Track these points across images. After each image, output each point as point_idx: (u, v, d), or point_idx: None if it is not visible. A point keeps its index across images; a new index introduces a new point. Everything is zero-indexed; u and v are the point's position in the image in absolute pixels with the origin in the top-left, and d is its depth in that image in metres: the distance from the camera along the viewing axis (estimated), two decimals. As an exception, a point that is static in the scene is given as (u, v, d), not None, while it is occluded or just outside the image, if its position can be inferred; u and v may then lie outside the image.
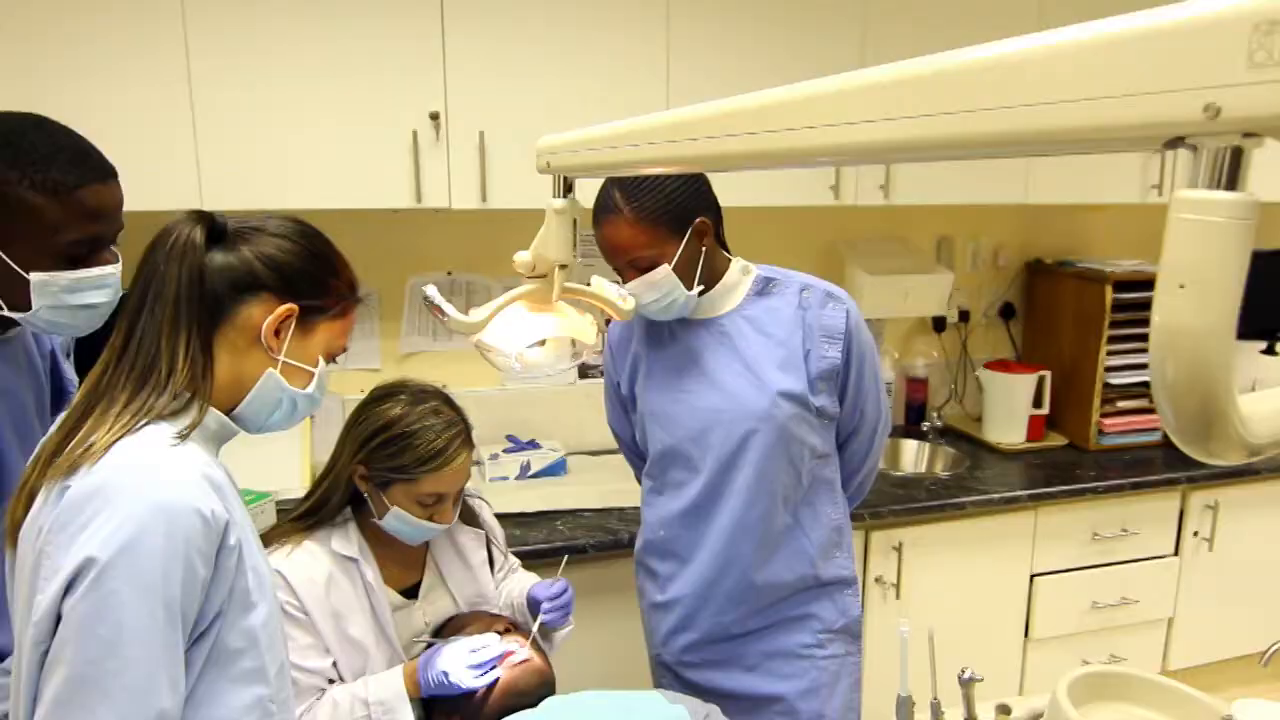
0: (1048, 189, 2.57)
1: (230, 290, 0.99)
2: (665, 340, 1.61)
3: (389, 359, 2.51)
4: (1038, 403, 2.78)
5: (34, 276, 1.14)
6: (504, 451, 2.46)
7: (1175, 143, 0.47)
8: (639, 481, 1.78)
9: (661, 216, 1.45)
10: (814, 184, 2.38)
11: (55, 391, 1.39)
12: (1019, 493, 2.40)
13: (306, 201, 2.00)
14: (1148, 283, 2.72)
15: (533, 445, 2.51)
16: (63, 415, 0.98)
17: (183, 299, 0.96)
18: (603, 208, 1.48)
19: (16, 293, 1.15)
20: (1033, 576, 2.49)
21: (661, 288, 1.47)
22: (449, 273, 2.52)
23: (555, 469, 2.45)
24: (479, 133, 2.09)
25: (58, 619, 0.85)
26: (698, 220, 1.48)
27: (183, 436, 0.94)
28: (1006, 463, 2.66)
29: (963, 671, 1.26)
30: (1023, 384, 2.75)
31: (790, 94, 0.65)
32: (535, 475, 2.42)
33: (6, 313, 1.16)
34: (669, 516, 1.63)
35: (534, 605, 1.53)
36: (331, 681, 1.37)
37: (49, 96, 1.83)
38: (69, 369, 1.43)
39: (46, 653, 0.86)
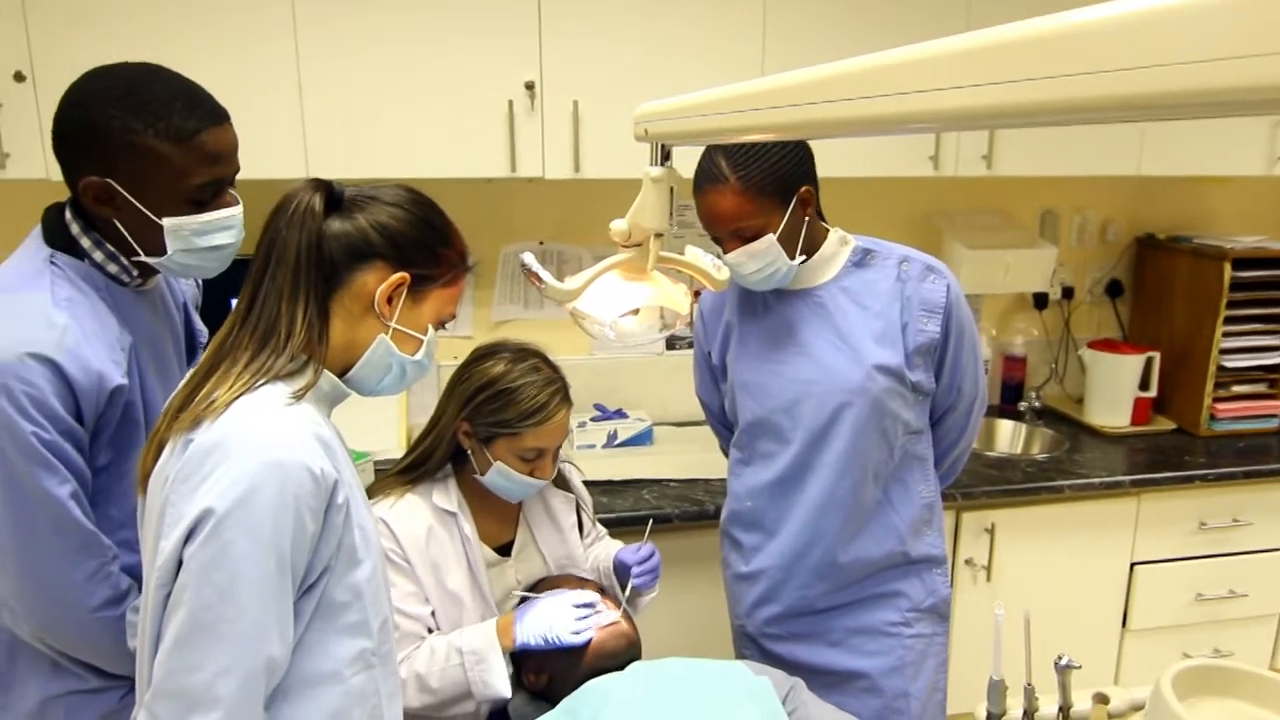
0: (1163, 160, 2.44)
1: (346, 257, 1.02)
2: (759, 310, 1.59)
3: (481, 326, 2.55)
4: (1144, 385, 2.66)
5: (167, 222, 1.18)
6: (591, 420, 2.49)
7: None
8: (725, 452, 1.78)
9: (768, 186, 1.43)
10: (912, 154, 2.32)
11: (189, 343, 1.47)
12: (1121, 478, 2.31)
13: (404, 171, 2.04)
14: (1271, 260, 2.57)
15: (620, 414, 2.53)
16: (190, 371, 1.03)
17: (301, 265, 0.99)
18: (707, 176, 1.46)
19: (151, 239, 1.20)
20: (1133, 565, 2.39)
21: (764, 258, 1.45)
22: (540, 242, 2.55)
23: (642, 438, 2.46)
24: (573, 102, 2.10)
25: (179, 564, 0.90)
26: (802, 189, 1.46)
27: (298, 397, 0.98)
28: (1108, 446, 2.56)
29: (1059, 658, 1.23)
30: (1129, 365, 2.64)
31: (896, 57, 0.63)
32: (622, 444, 2.44)
33: (144, 258, 1.21)
34: (757, 487, 1.62)
35: (622, 570, 1.56)
36: (430, 631, 1.42)
37: (158, 60, 1.91)
38: (199, 322, 1.51)
39: (169, 596, 0.91)
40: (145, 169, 1.15)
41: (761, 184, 1.42)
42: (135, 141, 1.14)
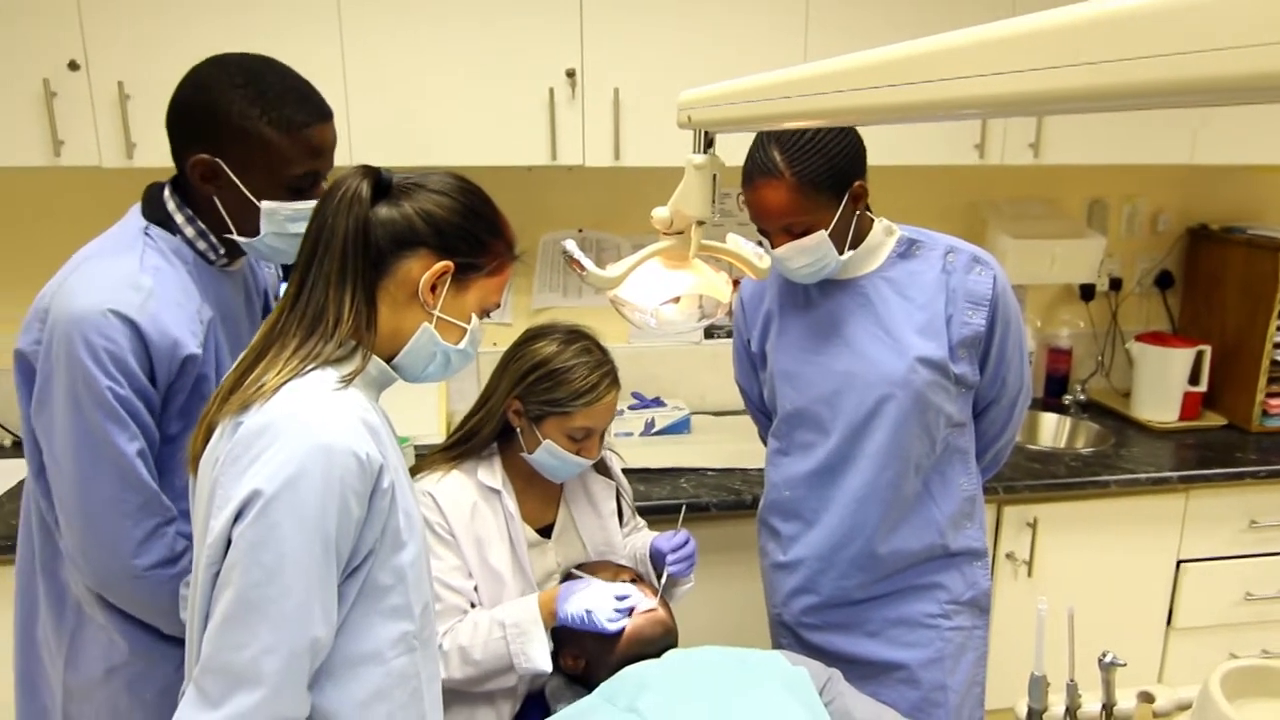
0: (1218, 148, 2.37)
1: (391, 244, 1.02)
2: (800, 300, 1.58)
3: (521, 314, 2.57)
4: (1194, 379, 2.59)
5: (265, 205, 1.24)
6: (629, 408, 2.49)
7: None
8: (763, 440, 1.77)
9: (823, 181, 1.40)
10: (957, 142, 2.28)
11: None
12: (1169, 474, 2.26)
13: (445, 159, 2.05)
14: (1330, 252, 2.49)
15: (658, 403, 2.53)
16: (241, 355, 1.05)
17: (349, 251, 1.00)
18: (760, 170, 1.43)
19: (247, 220, 1.26)
20: (1179, 562, 2.34)
21: (814, 253, 1.44)
22: (580, 230, 2.55)
23: (679, 427, 2.46)
24: (614, 90, 2.09)
25: (228, 544, 0.92)
26: (855, 184, 1.44)
27: (346, 382, 0.99)
28: (1156, 441, 2.50)
29: (1104, 655, 1.21)
30: (1179, 358, 2.58)
31: (945, 42, 0.62)
32: (659, 432, 2.45)
33: (237, 237, 1.27)
34: (795, 477, 1.61)
35: (657, 557, 1.56)
36: (473, 605, 1.44)
37: (206, 49, 1.94)
38: None
39: (218, 574, 0.93)
40: (253, 152, 1.22)
41: (817, 180, 1.40)
42: (248, 126, 1.20)
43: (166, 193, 1.29)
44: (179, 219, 1.28)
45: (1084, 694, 1.26)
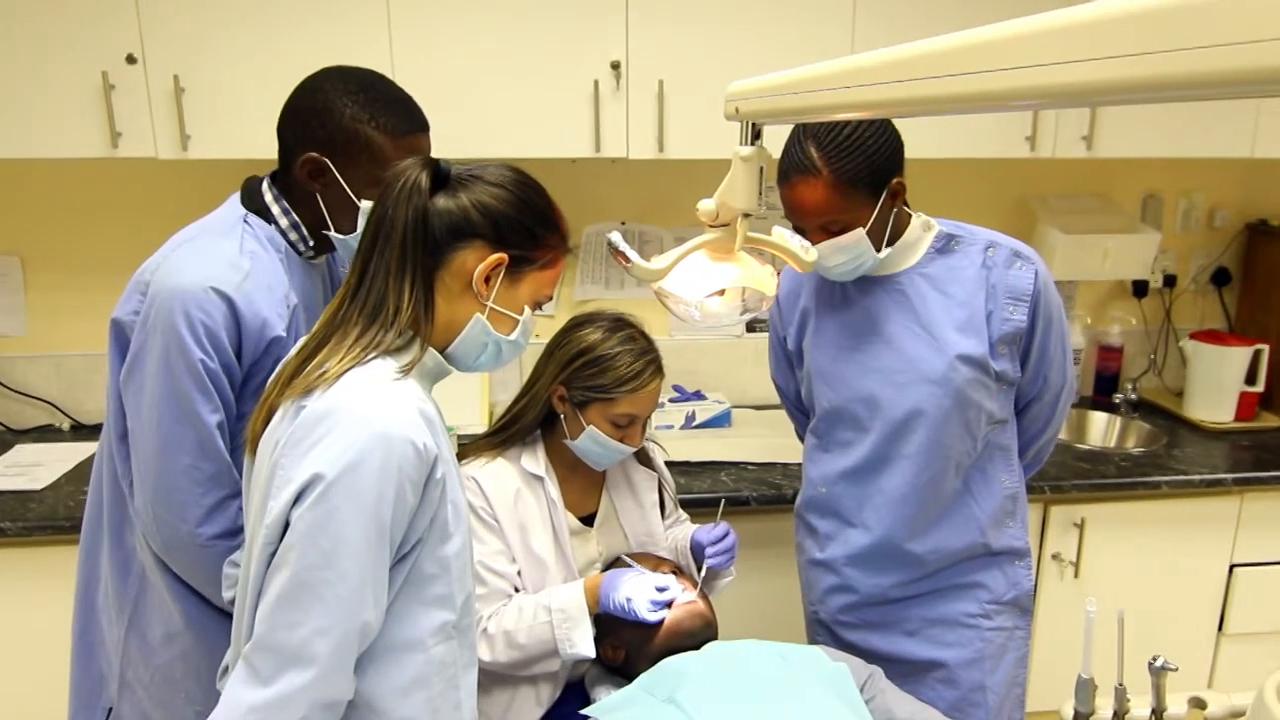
0: (1280, 142, 2.30)
1: (448, 235, 1.04)
2: (837, 297, 1.56)
3: (564, 306, 2.58)
4: (1251, 379, 2.52)
5: (364, 203, 1.31)
6: (670, 401, 2.49)
7: None
8: (800, 437, 1.76)
9: (861, 179, 1.38)
10: (1007, 134, 2.24)
11: None
12: (1223, 475, 2.21)
13: (490, 150, 2.06)
14: (1398, 249, 2.40)
15: (698, 396, 2.53)
16: (302, 341, 1.07)
17: (408, 241, 1.01)
18: (797, 167, 1.40)
19: (346, 217, 1.33)
20: (1232, 567, 2.28)
21: (852, 251, 1.42)
22: (622, 222, 2.55)
23: (720, 420, 2.46)
24: (658, 82, 2.09)
25: (286, 525, 0.94)
26: (894, 181, 1.42)
27: (405, 372, 1.01)
28: (1210, 442, 2.44)
29: (1154, 659, 1.18)
30: (1235, 357, 2.51)
31: (997, 32, 0.61)
32: (700, 426, 2.44)
33: (333, 233, 1.34)
34: (832, 474, 1.60)
35: (697, 550, 1.56)
36: (516, 590, 1.46)
37: (259, 43, 1.98)
38: None
39: (274, 554, 0.95)
40: (358, 154, 1.30)
41: (855, 177, 1.38)
42: (358, 129, 1.29)
43: (265, 185, 1.37)
44: (275, 210, 1.35)
45: (1132, 698, 1.24)
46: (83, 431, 2.42)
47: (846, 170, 1.37)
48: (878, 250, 1.44)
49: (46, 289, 2.40)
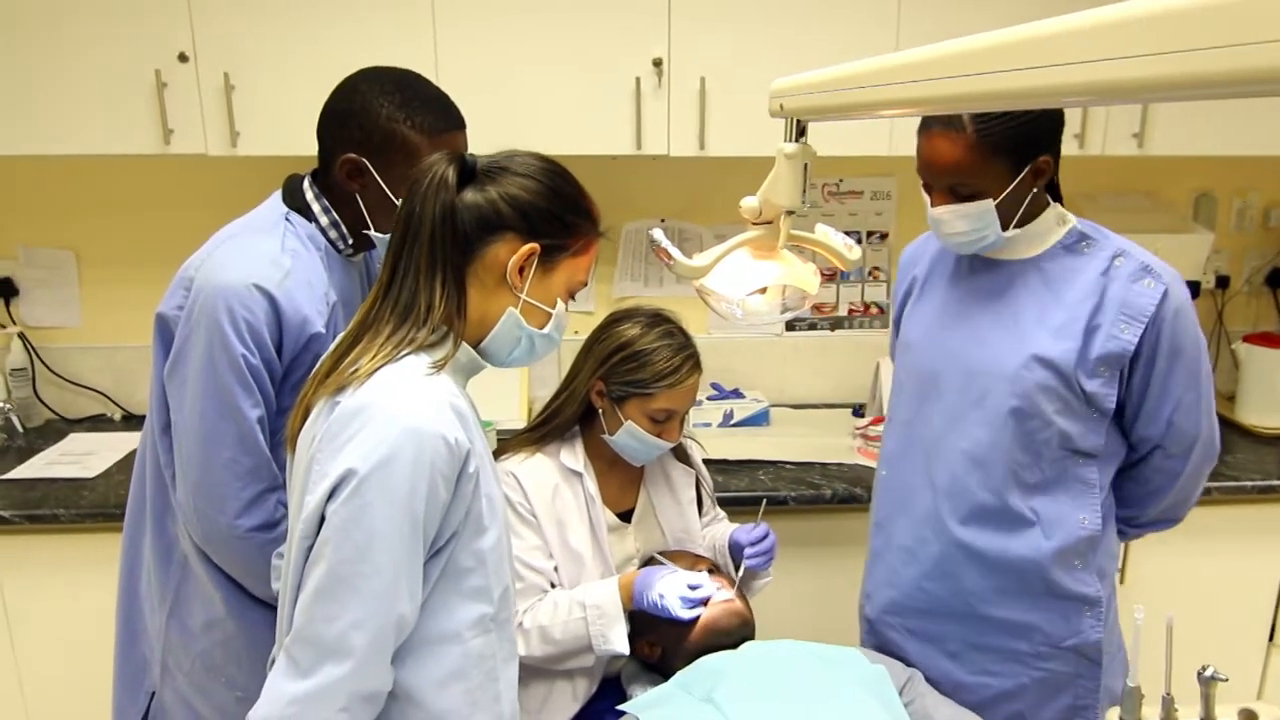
0: (1341, 139, 2.23)
1: (477, 229, 1.04)
2: (949, 271, 1.49)
3: (602, 303, 2.58)
4: (1307, 383, 2.45)
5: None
6: (708, 399, 2.48)
7: None
8: None
9: (1005, 145, 1.29)
10: (1055, 132, 2.19)
11: None
12: (1275, 482, 2.15)
13: (530, 146, 2.04)
14: None
15: (736, 394, 2.52)
16: (337, 339, 1.09)
17: (437, 237, 1.02)
18: (940, 118, 1.31)
19: (384, 216, 1.33)
20: (1286, 576, 2.23)
21: (976, 221, 1.33)
22: (662, 220, 2.55)
23: (758, 419, 2.45)
24: (700, 79, 2.08)
25: (321, 519, 0.95)
26: (1041, 158, 1.32)
27: (438, 367, 1.01)
28: (1263, 448, 2.37)
29: (1204, 668, 1.16)
30: (1291, 361, 2.44)
31: (1046, 28, 0.60)
32: (738, 424, 2.43)
33: (372, 232, 1.36)
34: (890, 455, 1.56)
35: (736, 550, 1.55)
36: (553, 585, 1.47)
37: (306, 40, 2.00)
38: None
39: (311, 548, 0.96)
40: (396, 154, 1.30)
41: (999, 142, 1.28)
42: (395, 129, 1.30)
43: (306, 184, 1.38)
44: (316, 208, 1.37)
45: (1180, 708, 1.21)
46: (133, 422, 2.48)
47: (992, 133, 1.28)
48: (1004, 229, 1.35)
49: (99, 282, 2.46)
